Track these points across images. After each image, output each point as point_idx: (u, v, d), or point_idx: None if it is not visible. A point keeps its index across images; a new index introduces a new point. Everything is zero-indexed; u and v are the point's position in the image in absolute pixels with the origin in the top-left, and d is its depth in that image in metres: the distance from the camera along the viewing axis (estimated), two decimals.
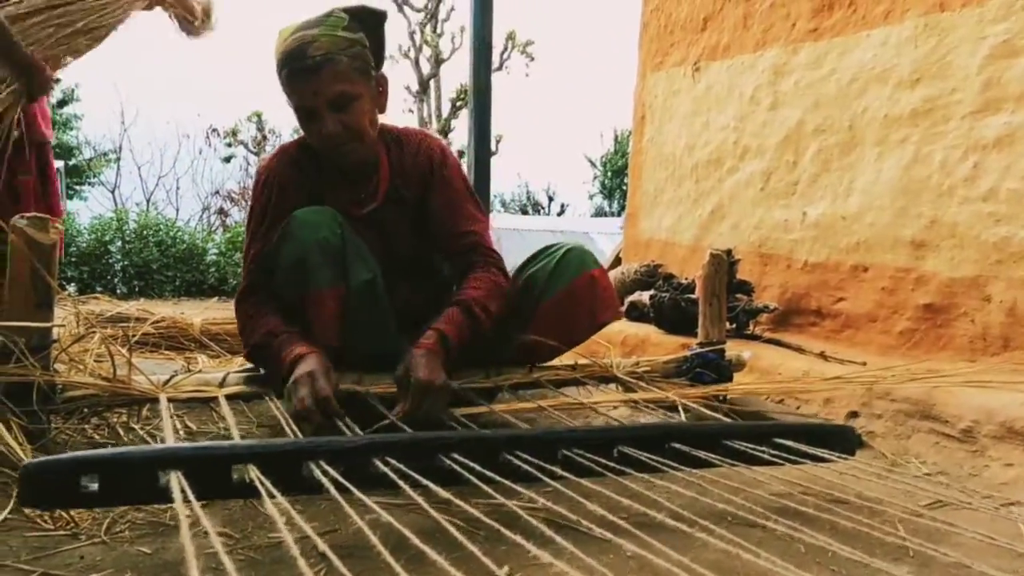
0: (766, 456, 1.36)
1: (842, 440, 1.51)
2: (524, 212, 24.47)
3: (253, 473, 1.03)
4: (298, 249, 1.63)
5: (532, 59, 17.82)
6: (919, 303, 2.36)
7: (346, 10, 1.73)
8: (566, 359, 2.10)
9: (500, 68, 17.00)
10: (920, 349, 2.35)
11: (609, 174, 23.66)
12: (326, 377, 1.48)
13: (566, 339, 1.93)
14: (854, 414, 2.09)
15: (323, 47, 1.63)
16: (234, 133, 14.52)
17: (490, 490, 1.07)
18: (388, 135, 1.88)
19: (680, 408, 1.88)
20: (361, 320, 1.69)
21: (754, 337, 2.71)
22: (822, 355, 2.40)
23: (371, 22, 1.77)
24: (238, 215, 12.34)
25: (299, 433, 1.39)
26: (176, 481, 0.96)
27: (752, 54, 3.07)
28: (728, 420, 1.80)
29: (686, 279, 2.97)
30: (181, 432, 1.72)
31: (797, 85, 2.85)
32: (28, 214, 1.49)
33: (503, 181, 24.94)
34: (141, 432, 1.69)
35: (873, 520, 1.11)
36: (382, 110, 1.82)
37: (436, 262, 1.92)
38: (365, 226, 1.78)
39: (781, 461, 1.37)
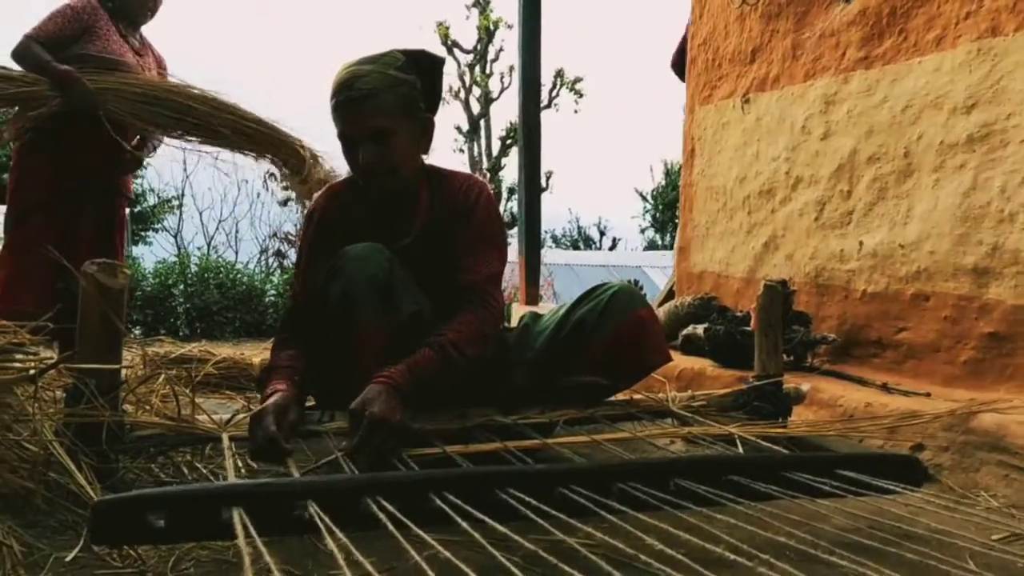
0: (828, 488, 1.34)
1: (907, 471, 1.47)
2: (575, 247, 24.49)
3: (312, 509, 1.05)
4: (346, 284, 1.66)
5: (581, 96, 17.94)
6: (983, 332, 2.29)
7: (404, 51, 1.81)
8: (622, 395, 2.09)
9: (549, 106, 17.15)
10: (986, 379, 2.28)
11: (660, 207, 23.58)
12: (276, 415, 1.47)
13: (615, 381, 1.95)
14: (919, 446, 2.04)
15: (371, 82, 1.71)
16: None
17: (547, 525, 1.07)
18: (434, 174, 1.91)
19: (738, 441, 1.85)
20: (407, 353, 1.68)
21: (812, 369, 2.66)
22: (884, 386, 2.35)
23: (426, 65, 1.83)
24: (294, 256, 12.56)
25: (355, 468, 1.40)
26: (238, 517, 0.98)
27: (802, 84, 3.05)
28: (788, 452, 1.77)
29: (740, 311, 2.94)
30: (243, 470, 1.76)
31: (849, 114, 2.82)
32: (98, 260, 1.55)
33: (554, 217, 25.03)
34: (204, 471, 1.72)
35: (943, 554, 1.08)
36: (424, 151, 1.87)
37: None
38: (400, 260, 1.80)
39: (844, 493, 1.34)
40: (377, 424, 1.45)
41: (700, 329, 2.97)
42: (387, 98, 1.72)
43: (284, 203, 14.39)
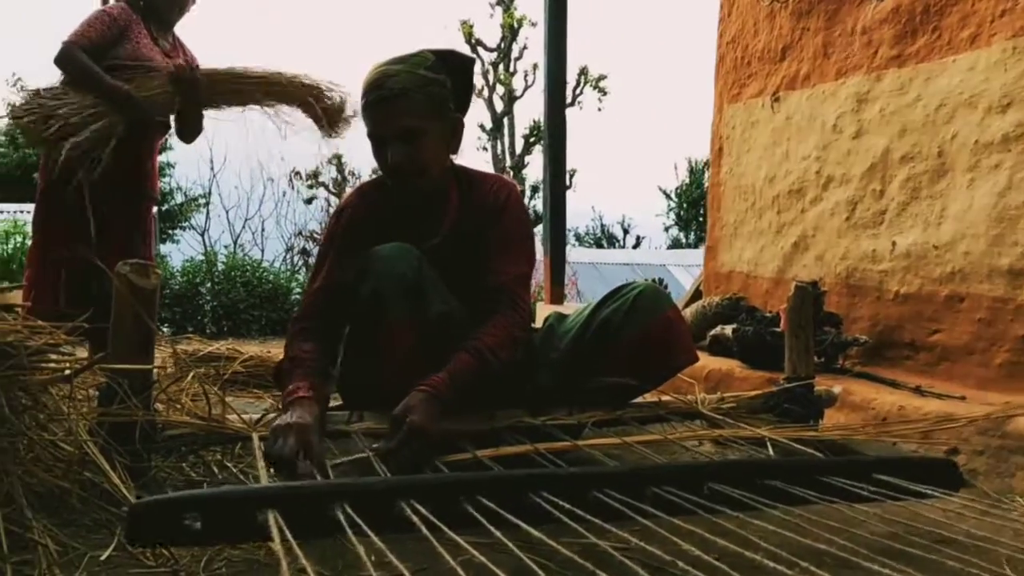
0: (866, 493, 1.32)
1: (945, 475, 1.45)
2: (599, 245, 24.42)
3: (347, 512, 1.05)
4: (376, 283, 1.66)
5: (605, 93, 17.88)
6: (1019, 334, 2.26)
7: (435, 52, 1.80)
8: (650, 396, 2.08)
9: (572, 104, 17.09)
10: (1021, 382, 2.24)
11: (684, 205, 23.45)
12: (299, 435, 1.41)
13: (641, 382, 1.93)
14: (954, 451, 2.01)
15: (400, 82, 1.71)
16: (315, 175, 14.93)
17: (581, 529, 1.06)
18: (463, 175, 1.90)
19: (768, 444, 1.83)
20: (435, 352, 1.68)
21: (844, 371, 2.63)
22: (917, 389, 2.31)
23: (456, 65, 1.83)
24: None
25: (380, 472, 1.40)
26: (273, 520, 0.98)
27: (834, 82, 3.02)
28: (821, 455, 1.75)
29: (769, 312, 2.91)
30: (271, 470, 1.76)
31: (882, 113, 2.78)
32: (131, 260, 1.56)
33: (577, 215, 24.92)
34: (234, 470, 1.73)
35: (981, 560, 1.06)
36: (454, 151, 1.86)
37: None
38: (429, 261, 1.79)
39: (880, 498, 1.32)
40: (416, 432, 1.46)
41: (728, 329, 2.95)
42: (416, 98, 1.72)
43: (309, 201, 14.49)
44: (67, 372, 1.42)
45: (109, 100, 2.84)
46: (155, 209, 3.32)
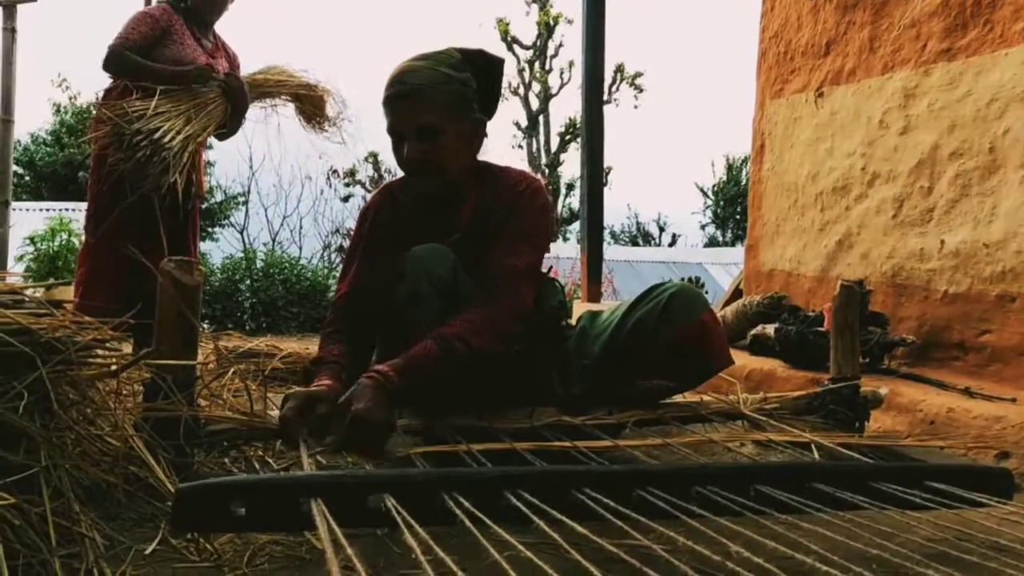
0: (916, 499, 1.28)
1: (999, 483, 1.40)
2: (634, 243, 24.27)
3: (390, 503, 1.04)
4: (413, 284, 1.65)
5: (641, 91, 17.78)
6: None
7: (461, 50, 1.78)
8: (691, 396, 2.05)
9: (608, 101, 17.04)
10: None
11: (721, 203, 23.22)
12: (305, 401, 1.49)
13: (676, 384, 1.93)
14: (1005, 454, 1.96)
15: (421, 78, 1.69)
16: (352, 174, 15.04)
17: (627, 527, 1.05)
18: (487, 172, 1.87)
19: (813, 447, 1.80)
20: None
21: (890, 372, 2.58)
22: (967, 391, 2.26)
23: (481, 64, 1.80)
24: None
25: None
26: (318, 509, 0.98)
27: (880, 77, 2.96)
28: (868, 459, 1.71)
29: (812, 311, 2.86)
30: (313, 465, 1.77)
31: (930, 108, 2.72)
32: (176, 258, 1.58)
33: (613, 212, 24.76)
34: (276, 465, 1.74)
35: None
36: (476, 151, 1.83)
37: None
38: None
39: (933, 505, 1.29)
40: (359, 422, 1.43)
41: (770, 329, 2.91)
42: (436, 95, 1.69)
43: (346, 199, 14.60)
44: (113, 368, 1.44)
45: (178, 83, 2.91)
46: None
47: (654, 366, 1.85)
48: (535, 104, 17.92)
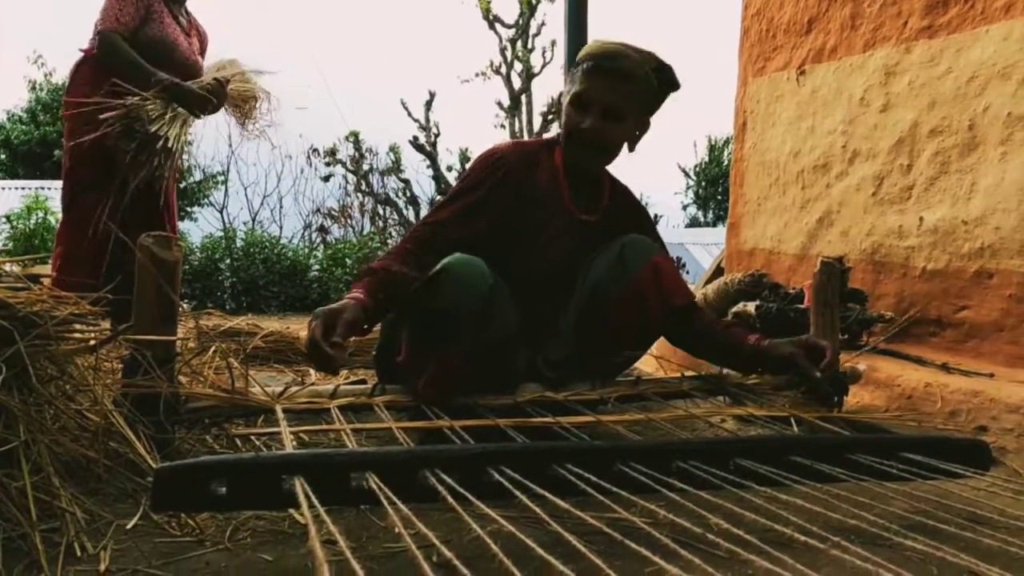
0: (894, 471, 1.30)
1: (975, 455, 1.43)
2: None
3: (373, 481, 1.04)
4: (448, 304, 1.65)
5: None
6: None
7: (657, 58, 1.93)
8: (673, 372, 2.06)
9: None
10: None
11: (703, 183, 23.26)
12: (327, 318, 1.53)
13: (643, 336, 1.93)
14: (982, 428, 1.98)
15: (632, 67, 1.85)
16: (333, 153, 14.91)
17: (609, 502, 1.05)
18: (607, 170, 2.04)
19: (793, 421, 1.82)
20: (486, 376, 1.75)
21: (869, 348, 2.60)
22: (944, 366, 2.28)
23: (668, 78, 1.95)
24: (338, 232, 12.63)
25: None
26: (300, 487, 0.98)
27: (861, 55, 2.96)
28: (847, 433, 1.73)
29: (793, 289, 2.88)
30: (295, 443, 1.76)
31: (911, 85, 2.73)
32: (154, 233, 1.56)
33: None
34: (257, 443, 1.74)
35: (1014, 539, 1.04)
36: (631, 147, 1.99)
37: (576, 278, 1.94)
38: (580, 234, 1.92)
39: (910, 476, 1.31)
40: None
41: (751, 306, 2.92)
42: (635, 87, 1.86)
43: (326, 179, 14.49)
44: (92, 343, 1.42)
45: (160, 91, 2.88)
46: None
47: (617, 324, 1.84)
48: (517, 83, 17.81)
